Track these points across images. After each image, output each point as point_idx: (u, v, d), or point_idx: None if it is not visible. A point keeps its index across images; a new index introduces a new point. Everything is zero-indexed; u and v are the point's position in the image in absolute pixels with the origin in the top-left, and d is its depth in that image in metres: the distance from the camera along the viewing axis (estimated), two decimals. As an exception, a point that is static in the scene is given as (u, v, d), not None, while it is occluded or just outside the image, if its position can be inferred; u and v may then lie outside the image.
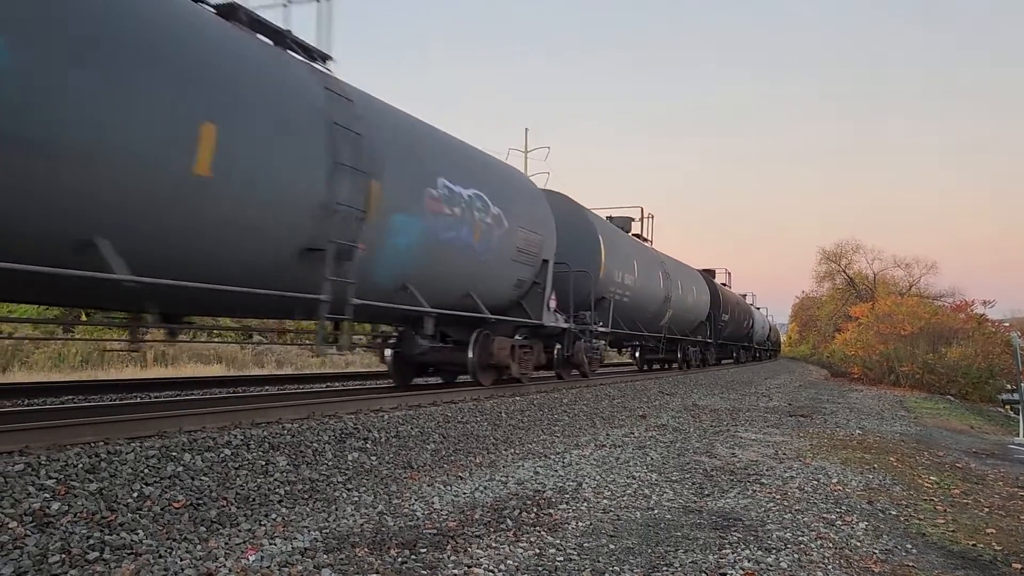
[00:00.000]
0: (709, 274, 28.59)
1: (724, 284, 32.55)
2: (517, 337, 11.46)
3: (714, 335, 26.32)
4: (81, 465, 4.18)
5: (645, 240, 20.69)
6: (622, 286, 15.59)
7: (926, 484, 7.17)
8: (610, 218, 18.06)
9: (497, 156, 12.47)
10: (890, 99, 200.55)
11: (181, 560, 3.68)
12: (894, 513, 5.76)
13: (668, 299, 19.62)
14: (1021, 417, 12.75)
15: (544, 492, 5.75)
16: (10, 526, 3.52)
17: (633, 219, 19.58)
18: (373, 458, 6.06)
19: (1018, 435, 13.60)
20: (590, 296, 13.78)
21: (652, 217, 21.94)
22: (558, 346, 13.01)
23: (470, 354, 10.06)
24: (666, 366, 23.67)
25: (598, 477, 6.46)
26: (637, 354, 22.98)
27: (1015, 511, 6.24)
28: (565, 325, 12.51)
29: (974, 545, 4.99)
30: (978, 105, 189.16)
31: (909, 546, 4.84)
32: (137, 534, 3.84)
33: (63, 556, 3.47)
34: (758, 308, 45.02)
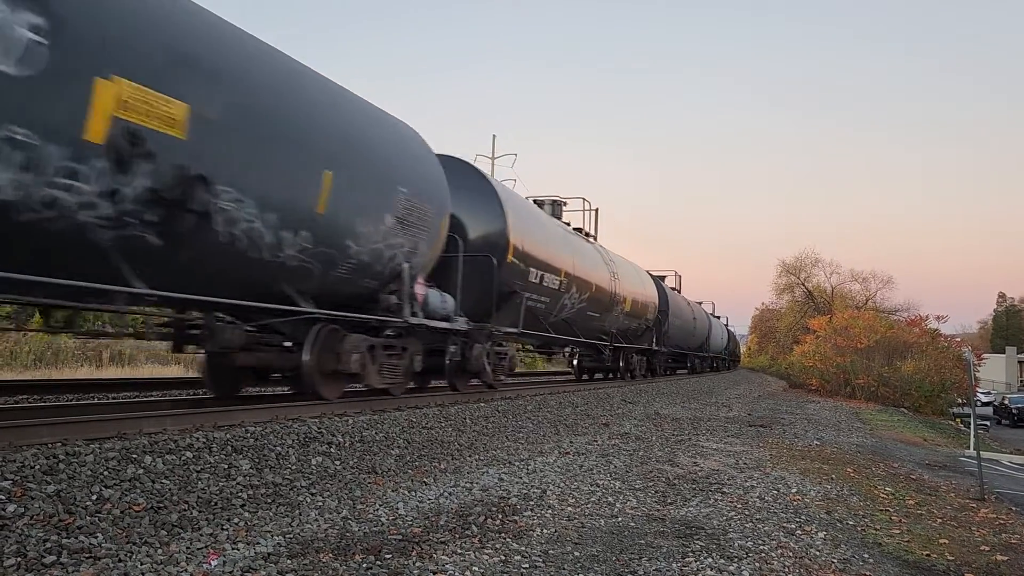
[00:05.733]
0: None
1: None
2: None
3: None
4: (38, 466, 4.09)
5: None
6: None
7: (882, 495, 7.33)
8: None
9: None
10: (854, 118, 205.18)
11: (141, 564, 3.62)
12: (852, 523, 5.87)
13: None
14: (972, 430, 13.09)
15: (509, 499, 5.76)
16: (-37, 528, 3.43)
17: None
18: (337, 463, 6.01)
19: (968, 447, 13.98)
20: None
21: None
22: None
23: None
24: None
25: (562, 484, 6.49)
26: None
27: (967, 522, 6.41)
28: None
29: (928, 555, 5.11)
30: (936, 127, 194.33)
31: (866, 556, 4.94)
32: (96, 537, 3.76)
33: (19, 560, 3.39)
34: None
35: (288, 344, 7.82)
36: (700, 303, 37.06)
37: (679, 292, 31.46)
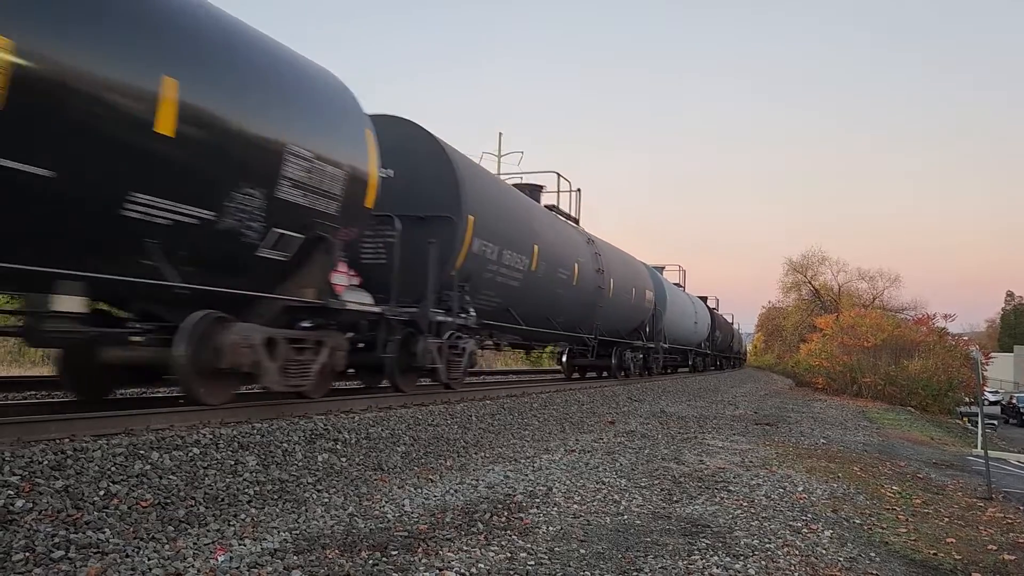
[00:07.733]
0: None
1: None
2: None
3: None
4: (46, 462, 4.10)
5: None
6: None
7: (888, 494, 7.31)
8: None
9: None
10: (860, 115, 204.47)
11: (148, 560, 3.63)
12: (858, 522, 5.86)
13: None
14: (979, 429, 13.03)
15: (515, 496, 5.76)
16: (-28, 523, 3.44)
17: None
18: (343, 459, 6.02)
19: (976, 447, 13.92)
20: None
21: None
22: None
23: None
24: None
25: (568, 482, 6.49)
26: None
27: (974, 521, 6.38)
28: None
29: (935, 554, 5.10)
30: (942, 125, 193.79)
31: (873, 555, 4.92)
32: (104, 533, 3.78)
33: (27, 555, 3.41)
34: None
35: None
36: (662, 269, 25.38)
37: (607, 244, 17.06)
